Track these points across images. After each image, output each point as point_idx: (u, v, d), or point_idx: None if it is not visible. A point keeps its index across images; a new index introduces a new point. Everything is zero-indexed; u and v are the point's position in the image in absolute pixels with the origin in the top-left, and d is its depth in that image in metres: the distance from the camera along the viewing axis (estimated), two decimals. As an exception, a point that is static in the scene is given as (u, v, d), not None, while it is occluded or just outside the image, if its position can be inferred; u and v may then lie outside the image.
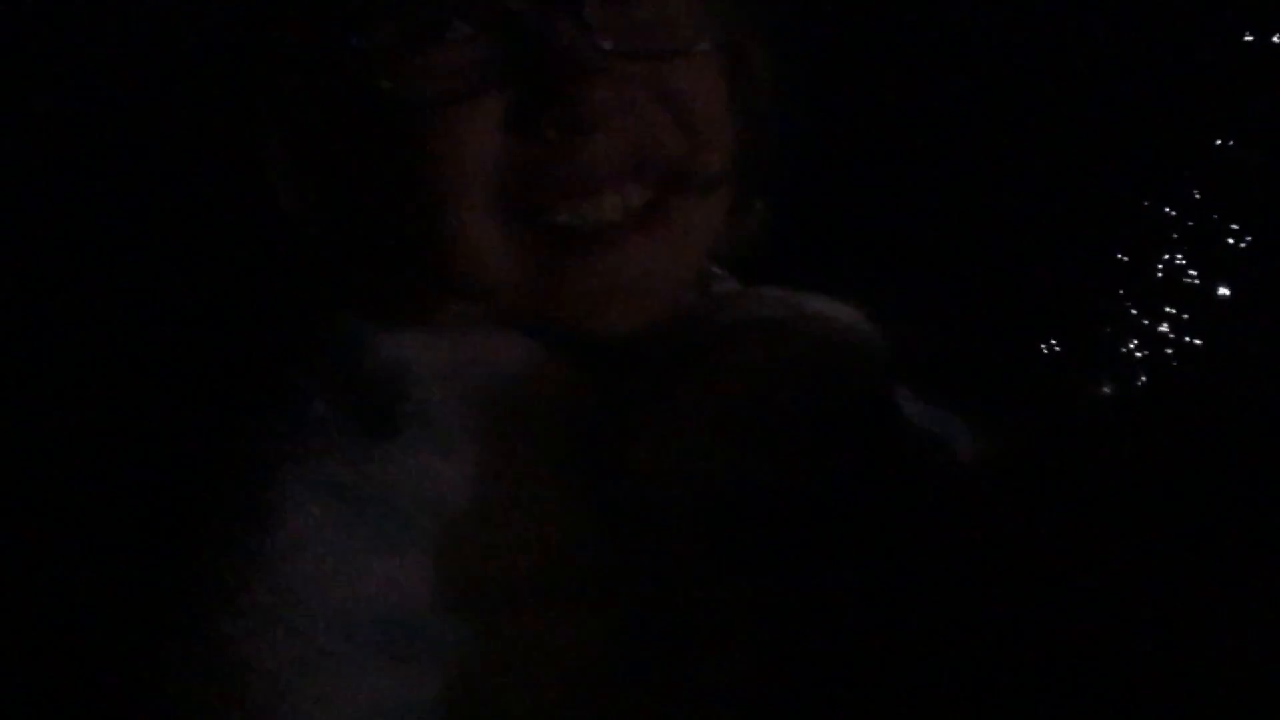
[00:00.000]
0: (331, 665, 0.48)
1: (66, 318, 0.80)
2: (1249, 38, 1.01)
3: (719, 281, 0.69)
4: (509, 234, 0.55)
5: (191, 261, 0.69)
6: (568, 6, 0.53)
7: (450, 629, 0.50)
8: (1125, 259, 0.98)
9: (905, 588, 0.56)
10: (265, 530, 0.49)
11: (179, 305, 0.70)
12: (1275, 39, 1.02)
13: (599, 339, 0.57)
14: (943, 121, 1.08)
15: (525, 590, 0.52)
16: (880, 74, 1.10)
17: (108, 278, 0.80)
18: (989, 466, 0.66)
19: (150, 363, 0.71)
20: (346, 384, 0.54)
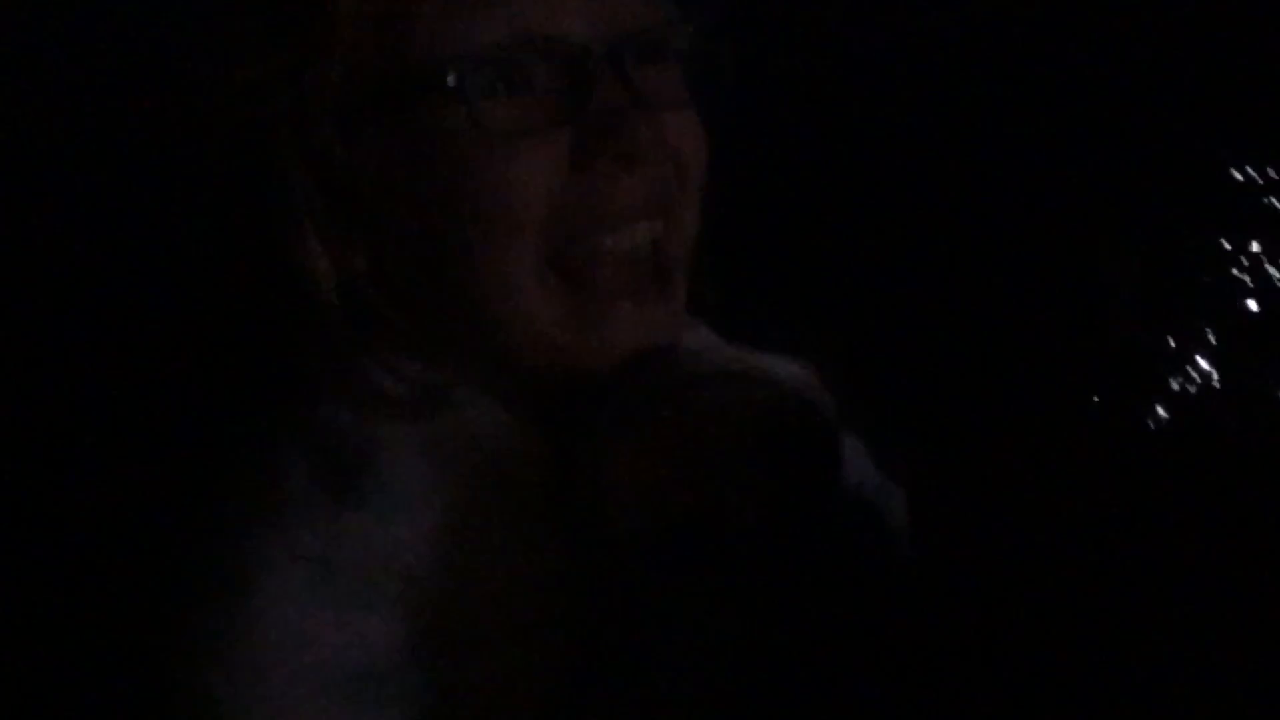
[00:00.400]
0: (308, 715, 0.54)
1: (71, 384, 0.82)
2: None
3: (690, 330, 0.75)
4: (550, 277, 0.62)
5: (194, 335, 0.73)
6: (615, 67, 0.61)
7: (418, 678, 0.56)
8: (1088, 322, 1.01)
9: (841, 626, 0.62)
10: (247, 594, 0.56)
11: (177, 377, 0.74)
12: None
13: (598, 372, 0.63)
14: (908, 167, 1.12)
15: (490, 637, 0.58)
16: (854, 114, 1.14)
17: (109, 343, 0.82)
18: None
19: (143, 429, 0.74)
20: (322, 459, 0.60)
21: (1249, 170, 1.04)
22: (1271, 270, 0.99)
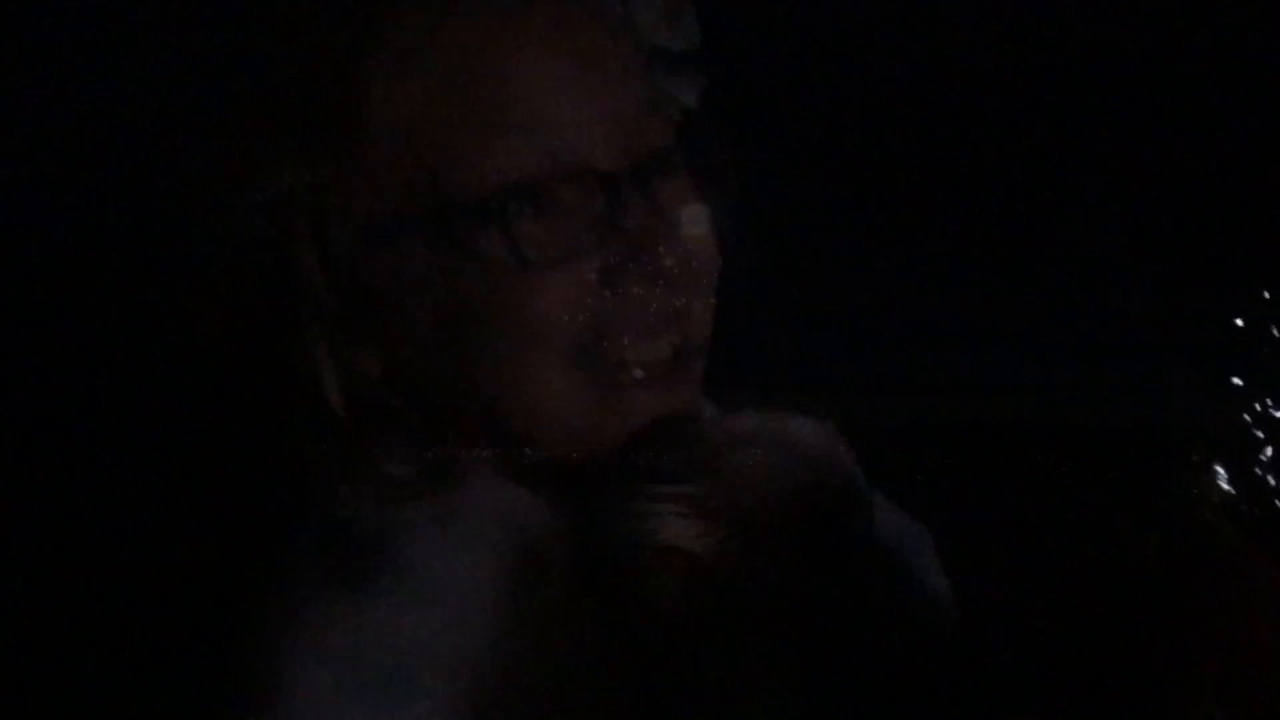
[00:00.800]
0: None
1: (87, 483, 0.82)
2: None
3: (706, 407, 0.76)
4: (576, 378, 0.63)
5: (205, 435, 0.72)
6: (641, 190, 0.64)
7: None
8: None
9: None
10: (277, 703, 0.55)
11: (187, 478, 0.73)
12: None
13: (616, 444, 0.65)
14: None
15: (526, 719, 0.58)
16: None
17: (123, 442, 0.82)
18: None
19: (157, 532, 0.74)
20: (339, 553, 0.60)
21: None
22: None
